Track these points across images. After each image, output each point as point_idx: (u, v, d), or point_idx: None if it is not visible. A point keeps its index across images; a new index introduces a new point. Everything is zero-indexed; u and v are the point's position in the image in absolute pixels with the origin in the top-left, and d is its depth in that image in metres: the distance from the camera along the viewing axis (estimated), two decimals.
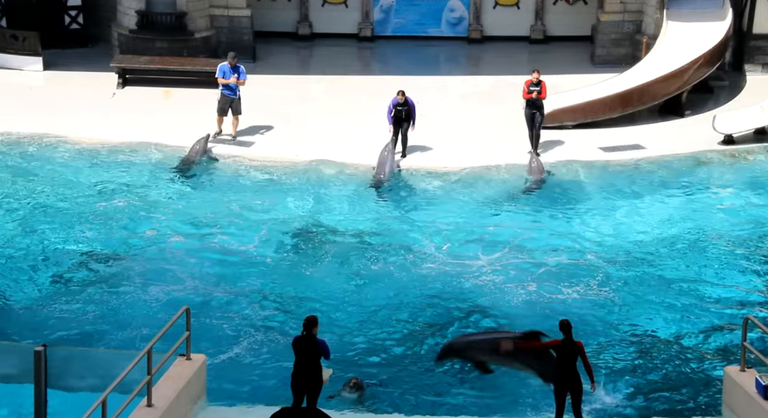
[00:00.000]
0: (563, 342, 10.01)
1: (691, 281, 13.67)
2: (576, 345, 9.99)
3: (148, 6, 20.29)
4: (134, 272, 13.61)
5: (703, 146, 17.66)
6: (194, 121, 17.75)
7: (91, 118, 18.07)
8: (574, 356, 10.00)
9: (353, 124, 18.16)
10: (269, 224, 14.95)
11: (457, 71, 21.06)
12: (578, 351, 9.99)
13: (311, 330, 9.75)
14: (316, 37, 22.12)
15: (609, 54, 21.01)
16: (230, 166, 16.78)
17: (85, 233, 14.53)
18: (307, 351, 9.75)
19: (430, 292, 13.33)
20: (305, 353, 9.76)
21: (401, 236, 14.78)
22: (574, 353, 9.99)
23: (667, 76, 18.56)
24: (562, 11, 22.20)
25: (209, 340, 11.85)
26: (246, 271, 13.73)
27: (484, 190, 16.23)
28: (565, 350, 10.00)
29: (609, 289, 13.49)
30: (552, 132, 17.97)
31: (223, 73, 17.20)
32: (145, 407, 9.57)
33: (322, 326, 10.57)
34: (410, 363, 11.86)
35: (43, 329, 12.19)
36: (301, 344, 9.79)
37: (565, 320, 10.09)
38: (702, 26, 19.16)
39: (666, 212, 15.61)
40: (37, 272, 13.53)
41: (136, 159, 16.89)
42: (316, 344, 9.76)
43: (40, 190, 15.73)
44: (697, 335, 12.51)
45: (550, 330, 10.58)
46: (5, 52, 19.92)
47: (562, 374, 10.04)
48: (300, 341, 9.81)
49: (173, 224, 14.87)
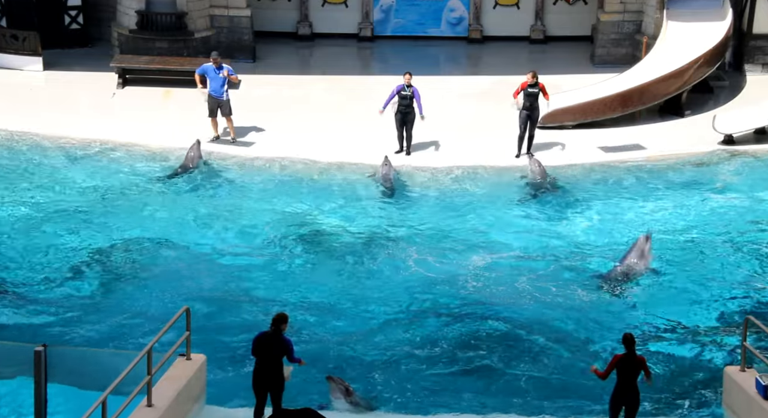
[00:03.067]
0: (626, 357, 9.59)
1: (691, 281, 13.67)
2: (639, 360, 9.61)
3: (148, 6, 20.28)
4: (134, 273, 13.60)
5: (703, 146, 17.66)
6: (194, 121, 17.75)
7: (91, 119, 18.07)
8: (636, 371, 9.64)
9: (353, 124, 18.16)
10: (268, 224, 14.94)
11: (457, 71, 21.06)
12: (641, 366, 9.61)
13: (279, 327, 9.54)
14: (316, 37, 22.12)
15: (609, 54, 21.01)
16: (230, 167, 16.77)
17: (83, 233, 14.53)
18: (271, 349, 9.52)
19: (432, 292, 13.33)
20: (270, 351, 9.53)
21: (402, 236, 14.78)
22: (637, 367, 9.61)
23: (668, 76, 18.56)
24: (562, 11, 22.20)
25: (209, 340, 11.85)
26: (246, 272, 13.73)
27: (485, 191, 16.23)
28: (627, 365, 9.61)
29: (608, 289, 13.49)
30: (552, 132, 17.98)
31: (204, 72, 16.92)
32: (145, 407, 9.58)
33: (321, 325, 10.59)
34: (414, 364, 11.84)
35: (42, 329, 12.19)
36: (266, 340, 9.55)
37: (629, 334, 9.67)
38: (702, 26, 19.15)
39: (666, 212, 15.61)
40: (35, 272, 13.53)
41: (137, 159, 16.89)
42: (282, 342, 9.56)
43: (39, 191, 15.72)
44: (697, 335, 12.51)
45: (554, 330, 10.53)
46: (5, 52, 19.92)
47: (622, 389, 9.63)
48: (265, 338, 9.57)
49: (172, 225, 14.87)
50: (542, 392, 11.14)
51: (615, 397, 9.79)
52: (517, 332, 12.49)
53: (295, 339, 11.54)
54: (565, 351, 12.17)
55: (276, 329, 9.60)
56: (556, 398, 11.29)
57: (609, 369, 9.76)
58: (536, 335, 12.43)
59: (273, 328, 9.63)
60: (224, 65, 17.01)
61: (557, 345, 12.27)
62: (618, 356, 9.71)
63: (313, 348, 11.93)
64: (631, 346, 9.60)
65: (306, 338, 12.13)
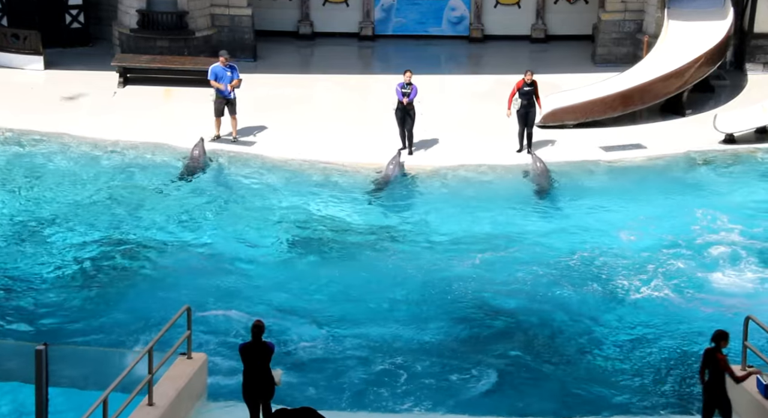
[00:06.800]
0: (711, 351, 9.53)
1: (693, 280, 13.66)
2: (719, 358, 9.50)
3: (149, 5, 20.28)
4: (136, 272, 13.61)
5: (704, 145, 17.63)
6: (195, 120, 17.74)
7: (92, 118, 18.07)
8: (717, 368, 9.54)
9: (354, 123, 18.15)
10: (270, 223, 14.94)
11: (458, 70, 21.04)
12: (720, 364, 9.50)
13: (259, 336, 9.63)
14: (317, 36, 22.11)
15: (610, 53, 20.99)
16: (232, 167, 16.77)
17: (85, 232, 14.53)
18: (256, 357, 9.63)
19: (438, 291, 13.32)
20: (255, 360, 9.63)
21: (405, 235, 14.77)
22: (717, 365, 9.51)
23: (668, 76, 18.54)
24: (563, 10, 22.18)
25: (211, 339, 11.85)
26: (249, 270, 13.72)
27: (487, 189, 16.22)
28: (712, 361, 9.54)
29: (609, 288, 13.49)
30: (553, 131, 17.96)
31: (215, 75, 17.06)
32: (146, 405, 9.58)
33: (326, 324, 10.57)
34: (424, 363, 11.85)
35: (44, 328, 12.19)
36: (249, 350, 9.66)
37: (720, 331, 9.58)
38: (703, 25, 19.13)
39: (666, 212, 15.59)
40: (37, 271, 13.53)
41: (137, 158, 16.88)
42: (265, 349, 9.64)
43: (40, 189, 15.72)
44: (697, 334, 12.50)
45: (557, 328, 10.51)
46: (6, 51, 19.92)
47: (711, 388, 9.59)
48: (248, 348, 9.68)
49: (174, 223, 14.86)
50: (553, 390, 11.17)
51: (703, 390, 9.75)
52: (523, 329, 12.51)
53: (301, 339, 11.59)
54: (570, 348, 12.18)
55: (256, 339, 9.66)
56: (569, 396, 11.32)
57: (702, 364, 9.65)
58: (541, 331, 12.46)
59: (253, 337, 9.68)
60: (232, 64, 17.04)
61: (562, 342, 12.30)
62: (708, 350, 9.68)
63: (320, 349, 11.94)
64: (718, 342, 9.54)
65: (312, 339, 12.14)
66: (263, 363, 9.63)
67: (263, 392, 9.72)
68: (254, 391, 9.70)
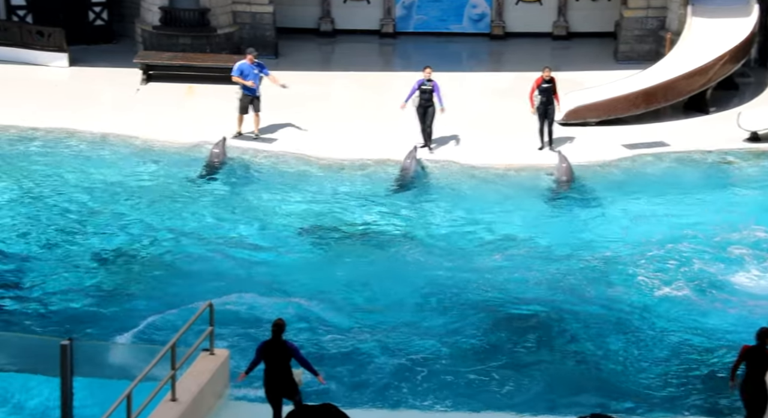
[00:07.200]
0: (755, 349, 9.47)
1: (715, 280, 13.57)
2: None
3: (172, 2, 20.37)
4: (158, 267, 13.69)
5: (727, 144, 17.50)
6: (217, 117, 17.82)
7: (115, 114, 18.18)
8: (764, 366, 9.50)
9: (375, 120, 18.16)
10: (291, 220, 14.99)
11: (478, 68, 20.99)
12: None
13: (279, 334, 9.62)
14: (338, 33, 22.12)
15: (632, 50, 20.87)
16: (253, 164, 16.83)
17: (109, 228, 14.63)
18: (276, 356, 9.63)
19: (457, 288, 13.31)
20: (275, 358, 9.64)
21: (423, 232, 14.77)
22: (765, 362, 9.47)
23: (692, 73, 18.41)
24: (585, 7, 22.07)
25: (234, 335, 11.91)
26: (271, 267, 13.77)
27: (507, 187, 16.19)
28: (756, 358, 9.48)
29: (630, 286, 13.44)
30: (575, 129, 17.89)
31: (240, 72, 17.13)
32: (170, 401, 9.64)
33: (349, 320, 10.56)
34: (445, 359, 11.85)
35: (68, 323, 12.30)
36: (269, 349, 9.67)
37: (765, 328, 9.48)
38: (727, 22, 18.99)
39: (690, 210, 15.49)
40: (62, 268, 13.64)
41: (160, 155, 16.97)
42: (285, 348, 9.64)
43: (65, 186, 15.84)
44: (723, 333, 12.43)
45: (579, 327, 10.50)
46: (31, 48, 20.06)
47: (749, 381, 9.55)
48: (268, 346, 9.68)
49: (196, 220, 14.94)
50: (574, 388, 11.16)
51: (742, 389, 9.70)
52: (546, 329, 12.50)
53: (321, 334, 11.61)
54: (595, 348, 12.16)
55: (276, 337, 9.67)
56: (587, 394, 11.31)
57: (738, 361, 9.67)
58: (565, 330, 12.44)
59: (273, 335, 9.69)
60: (259, 61, 17.10)
61: (583, 341, 12.27)
62: (746, 347, 9.62)
63: (343, 344, 11.97)
64: (764, 339, 9.47)
65: (332, 334, 12.17)
66: (283, 362, 9.64)
67: (285, 391, 9.73)
68: (274, 390, 9.71)
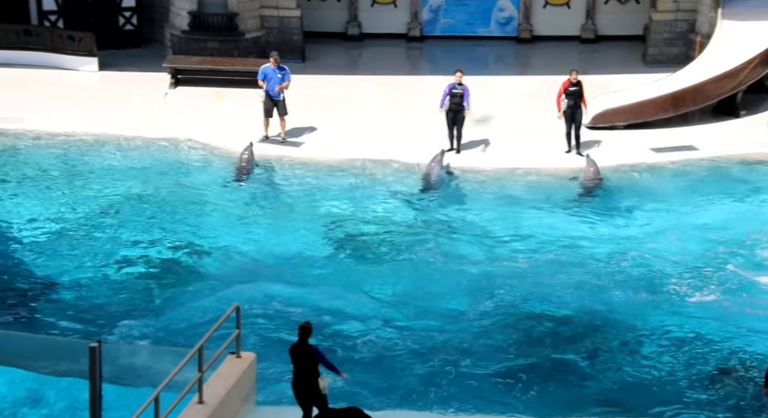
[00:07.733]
0: None
1: (747, 285, 13.45)
2: None
3: (200, 7, 20.52)
4: (187, 271, 13.79)
5: (757, 148, 17.34)
6: (245, 122, 17.91)
7: (144, 118, 18.33)
8: None
9: (402, 124, 18.17)
10: (319, 223, 15.04)
11: (506, 71, 20.93)
12: None
13: (305, 338, 9.65)
14: (365, 37, 22.16)
15: (661, 53, 20.71)
16: (280, 168, 16.90)
17: (137, 232, 14.75)
18: (302, 360, 9.68)
19: (484, 292, 13.32)
20: (301, 362, 9.68)
21: (451, 236, 14.76)
22: None
23: (722, 76, 18.25)
24: (614, 10, 21.94)
25: (258, 338, 11.96)
26: (299, 271, 13.82)
27: (534, 191, 16.13)
28: None
29: (660, 291, 13.34)
30: (603, 133, 17.79)
31: (264, 75, 17.23)
32: (197, 403, 9.69)
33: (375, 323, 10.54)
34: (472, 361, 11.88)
35: (97, 326, 12.41)
36: (296, 352, 9.72)
37: None
38: (758, 25, 18.80)
39: (719, 215, 15.36)
40: (91, 269, 13.77)
41: (189, 159, 17.10)
42: (310, 352, 9.67)
43: (95, 190, 16.00)
44: (754, 338, 12.31)
45: (607, 332, 10.42)
46: (62, 52, 20.29)
47: None
48: (295, 349, 9.74)
49: (225, 225, 15.02)
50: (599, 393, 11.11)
51: None
52: (575, 333, 12.46)
53: (350, 338, 11.63)
54: (621, 351, 12.12)
55: (302, 341, 9.71)
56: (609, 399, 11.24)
57: None
58: (590, 334, 12.41)
59: (299, 338, 9.74)
60: (282, 65, 17.18)
61: (612, 346, 12.25)
62: None
63: (370, 348, 11.99)
64: None
65: (361, 337, 12.20)
66: (309, 366, 9.67)
67: (312, 395, 9.77)
68: (302, 393, 9.75)
